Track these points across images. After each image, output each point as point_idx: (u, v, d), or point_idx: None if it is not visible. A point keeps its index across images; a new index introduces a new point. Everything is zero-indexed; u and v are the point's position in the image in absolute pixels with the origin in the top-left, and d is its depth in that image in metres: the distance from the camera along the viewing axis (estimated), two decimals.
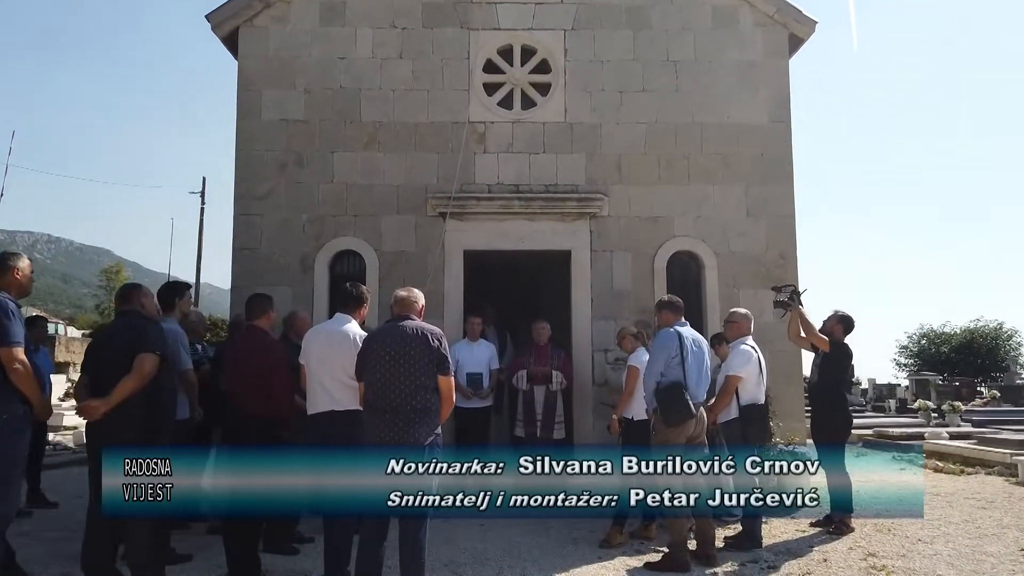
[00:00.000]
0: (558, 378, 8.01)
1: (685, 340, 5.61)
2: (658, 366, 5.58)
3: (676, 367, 5.54)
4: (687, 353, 5.57)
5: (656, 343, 5.74)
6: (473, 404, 8.07)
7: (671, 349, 5.57)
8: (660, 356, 5.59)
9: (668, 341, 5.61)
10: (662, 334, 5.74)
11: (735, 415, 6.14)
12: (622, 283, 8.74)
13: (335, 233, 8.70)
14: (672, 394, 5.49)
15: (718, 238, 8.82)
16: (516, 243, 8.75)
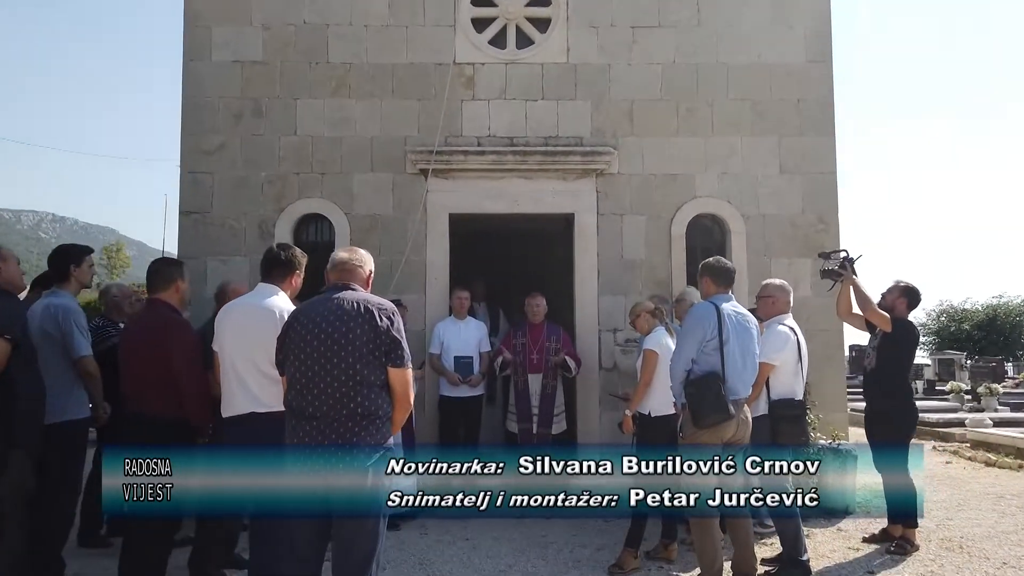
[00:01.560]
0: (572, 363, 6.81)
1: (726, 318, 4.39)
2: (689, 350, 4.37)
3: (713, 353, 4.32)
4: (728, 335, 4.35)
5: (689, 320, 4.51)
6: (461, 392, 6.88)
7: (707, 329, 4.35)
8: (693, 337, 4.38)
9: (703, 318, 4.39)
10: (697, 309, 4.51)
11: (764, 411, 4.92)
12: (634, 252, 7.49)
13: (299, 194, 7.46)
14: (706, 388, 4.28)
15: (747, 199, 7.55)
16: (510, 205, 7.50)
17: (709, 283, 4.59)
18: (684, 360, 4.39)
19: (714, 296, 4.53)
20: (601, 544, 5.54)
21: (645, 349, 5.24)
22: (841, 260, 5.48)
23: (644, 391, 5.20)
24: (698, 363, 4.37)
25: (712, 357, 4.33)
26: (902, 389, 5.42)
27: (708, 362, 4.36)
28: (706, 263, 4.67)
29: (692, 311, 4.56)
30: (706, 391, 4.30)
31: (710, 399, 4.28)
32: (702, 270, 4.66)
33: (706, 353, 4.35)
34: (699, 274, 4.69)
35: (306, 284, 4.22)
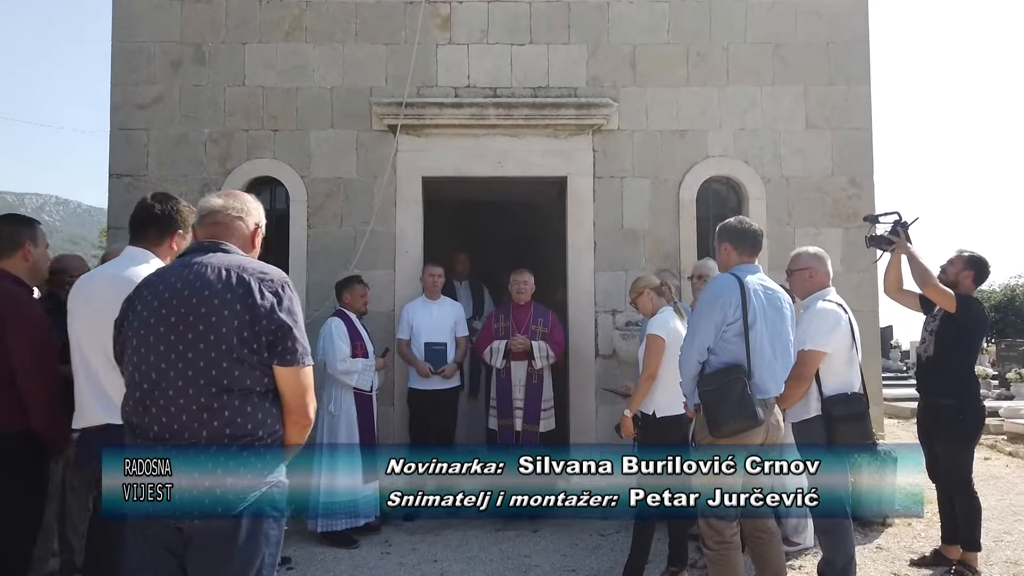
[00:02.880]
0: (543, 351, 5.80)
1: (752, 295, 3.41)
2: (704, 336, 3.41)
3: (735, 340, 3.35)
4: (755, 316, 3.37)
5: (704, 298, 3.51)
6: (432, 384, 5.89)
7: (727, 308, 3.37)
8: (708, 319, 3.41)
9: (722, 295, 3.41)
10: (714, 283, 3.53)
11: (815, 412, 3.92)
12: (636, 220, 6.46)
13: (248, 154, 6.44)
14: (726, 386, 3.31)
15: (767, 159, 6.51)
16: (493, 167, 6.46)
17: (729, 250, 3.58)
18: (698, 349, 3.41)
19: (736, 267, 3.53)
20: (595, 570, 4.58)
21: (649, 335, 4.24)
22: (893, 224, 4.45)
23: (647, 386, 4.20)
24: (716, 353, 3.40)
25: (734, 345, 3.35)
26: (967, 383, 4.41)
27: (729, 352, 3.38)
28: (725, 225, 3.66)
29: (708, 286, 3.55)
30: (727, 390, 3.31)
31: (732, 400, 3.30)
32: (720, 234, 3.65)
33: (726, 340, 3.37)
34: (716, 239, 3.68)
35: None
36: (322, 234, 6.40)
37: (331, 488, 5.22)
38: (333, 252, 6.37)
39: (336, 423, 5.29)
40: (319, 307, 6.13)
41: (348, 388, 5.30)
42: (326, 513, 5.19)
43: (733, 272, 3.48)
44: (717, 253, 3.68)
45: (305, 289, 6.32)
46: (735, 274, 3.46)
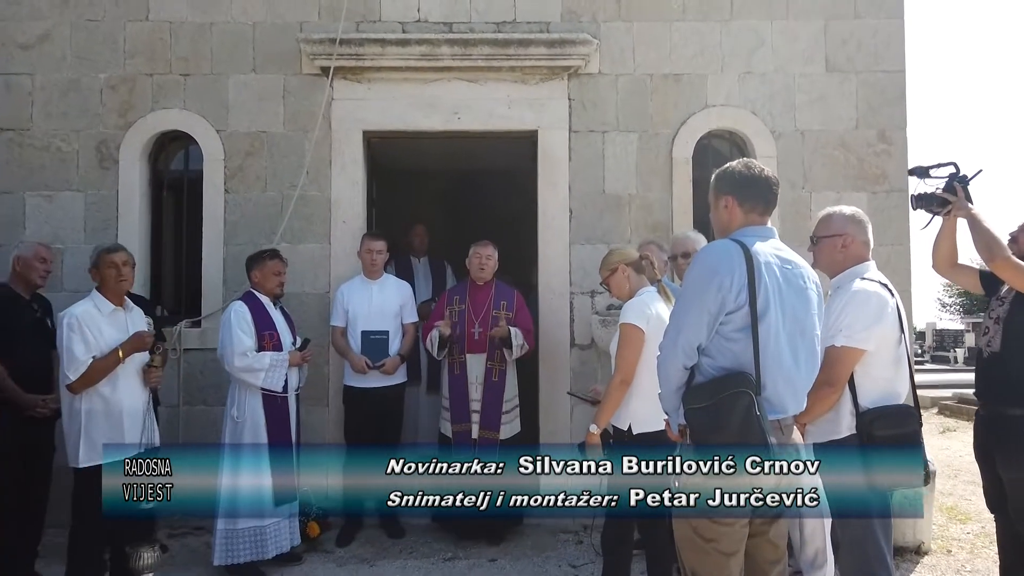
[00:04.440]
0: (520, 338, 4.77)
1: (763, 270, 2.36)
2: (693, 330, 2.36)
3: (738, 336, 2.32)
4: (767, 302, 2.33)
5: (693, 275, 2.42)
6: (371, 381, 4.86)
7: (727, 290, 2.32)
8: (699, 306, 2.35)
9: (720, 270, 2.35)
10: (709, 253, 2.45)
11: (847, 430, 2.88)
12: (620, 183, 5.38)
13: (153, 104, 5.36)
14: (724, 403, 2.29)
15: (779, 109, 5.40)
16: (448, 120, 5.37)
17: (732, 205, 2.51)
18: (683, 349, 2.36)
19: (741, 230, 2.47)
20: None
21: (623, 324, 3.19)
22: (948, 179, 3.36)
23: (621, 393, 3.16)
24: (710, 355, 2.36)
25: (736, 344, 2.32)
26: None
27: (729, 353, 2.34)
28: (726, 171, 2.58)
29: (699, 258, 2.46)
30: (726, 408, 2.27)
31: (733, 423, 2.26)
32: (720, 183, 2.57)
33: (725, 336, 2.33)
34: (713, 191, 2.59)
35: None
36: (242, 200, 5.32)
37: (232, 509, 4.20)
38: (255, 221, 5.30)
39: (240, 431, 4.25)
40: (238, 289, 5.07)
41: (255, 389, 4.26)
42: (227, 541, 4.18)
43: (735, 238, 2.41)
44: (713, 211, 2.60)
45: (222, 266, 5.26)
46: (738, 240, 2.38)
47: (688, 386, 2.36)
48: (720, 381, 2.30)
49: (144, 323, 3.91)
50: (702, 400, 2.30)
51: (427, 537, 4.90)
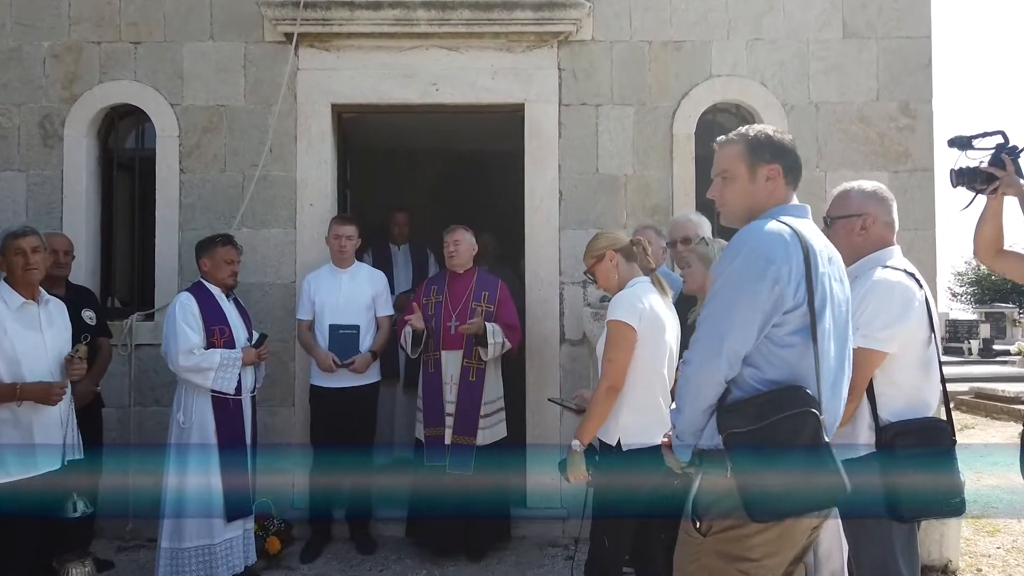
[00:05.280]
0: (499, 335, 4.29)
1: (817, 257, 1.94)
2: (742, 333, 1.89)
3: (793, 341, 1.90)
4: (824, 300, 1.92)
5: (741, 265, 1.91)
6: (339, 381, 4.41)
7: (786, 284, 1.88)
8: (751, 302, 1.89)
9: (775, 257, 1.89)
10: (759, 237, 1.94)
11: (865, 446, 2.42)
12: (616, 162, 4.88)
13: (102, 75, 4.87)
14: (783, 426, 1.83)
15: (791, 79, 4.89)
16: (425, 91, 4.87)
17: (778, 176, 2.08)
18: (728, 357, 1.89)
19: (779, 208, 2.04)
20: None
21: (610, 321, 2.71)
22: (995, 150, 2.86)
23: (608, 403, 2.68)
24: (755, 364, 1.90)
25: (791, 350, 1.89)
26: None
27: (782, 363, 1.90)
28: (761, 134, 2.11)
29: (744, 242, 1.96)
30: (784, 434, 1.83)
31: (796, 454, 1.83)
32: (756, 148, 2.09)
33: (777, 342, 1.90)
34: (749, 157, 2.08)
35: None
36: (199, 180, 4.84)
37: (177, 526, 3.75)
38: (213, 204, 4.82)
39: (186, 439, 3.79)
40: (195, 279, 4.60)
41: (204, 391, 3.79)
42: (172, 563, 3.73)
43: (778, 217, 1.97)
44: (740, 184, 2.09)
45: (177, 254, 4.79)
46: (787, 222, 1.95)
47: (722, 404, 1.89)
48: (772, 398, 1.84)
49: (64, 319, 3.43)
50: (748, 421, 1.83)
51: (401, 553, 4.45)
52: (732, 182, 2.08)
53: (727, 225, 2.17)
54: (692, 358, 1.93)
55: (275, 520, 4.38)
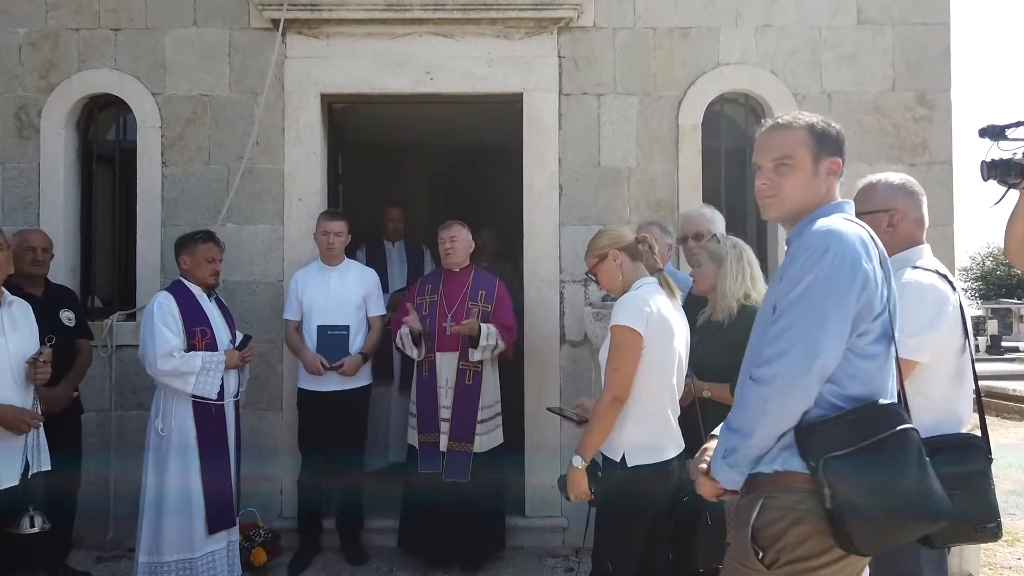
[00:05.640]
0: (493, 337, 4.08)
1: (885, 258, 1.85)
2: (835, 348, 1.71)
3: (875, 351, 1.76)
4: (895, 299, 1.82)
5: (824, 268, 1.71)
6: (327, 384, 4.20)
7: (873, 290, 1.74)
8: (841, 311, 1.71)
9: (859, 260, 1.73)
10: (841, 236, 1.74)
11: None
12: (618, 155, 4.66)
13: (81, 63, 4.65)
14: (890, 450, 1.67)
15: (802, 67, 4.67)
16: (419, 81, 4.65)
17: (837, 171, 1.93)
18: (819, 375, 1.71)
19: (836, 204, 1.89)
20: None
21: (615, 326, 2.49)
22: None
23: (612, 415, 2.46)
24: (835, 379, 1.74)
25: (873, 361, 1.76)
26: None
27: (861, 374, 1.75)
28: (821, 125, 1.92)
29: (827, 243, 1.75)
30: (892, 457, 1.67)
31: (909, 480, 1.66)
32: (824, 139, 1.90)
33: (858, 352, 1.74)
34: (815, 145, 1.88)
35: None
36: (182, 174, 4.62)
37: (156, 539, 3.55)
38: (197, 198, 4.60)
39: (166, 446, 3.59)
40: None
41: (184, 396, 3.59)
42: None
43: (847, 217, 1.85)
44: (812, 173, 1.87)
45: (159, 251, 4.57)
46: (854, 220, 1.84)
47: (801, 426, 1.72)
48: (865, 417, 1.68)
49: (29, 321, 3.21)
50: (843, 444, 1.65)
51: (393, 563, 4.25)
52: (794, 172, 1.87)
53: (771, 220, 1.96)
54: (771, 377, 1.72)
55: (261, 530, 4.19)
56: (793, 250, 1.82)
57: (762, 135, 1.95)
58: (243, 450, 4.22)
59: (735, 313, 2.95)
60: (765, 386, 1.73)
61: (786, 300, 1.74)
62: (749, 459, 1.78)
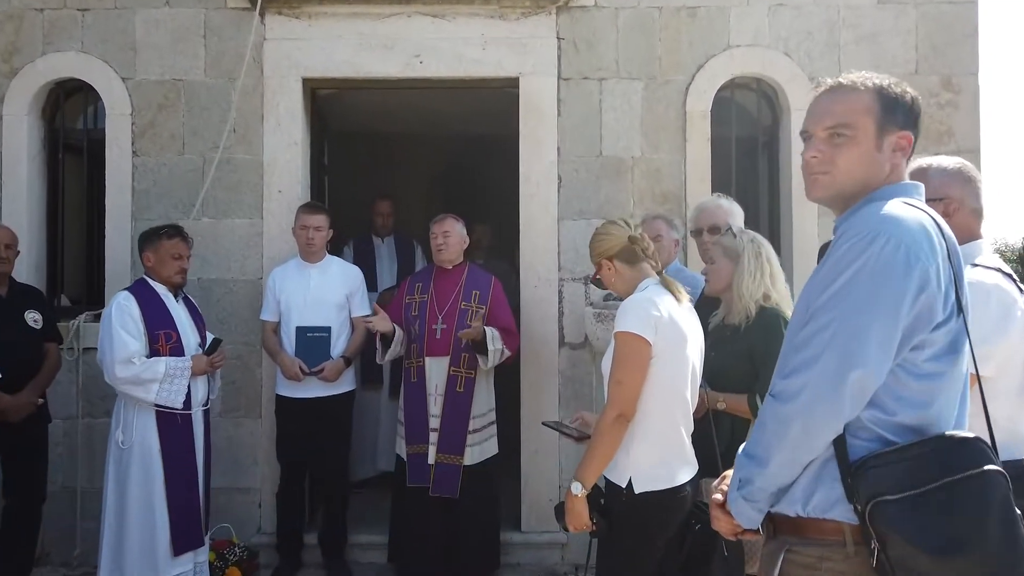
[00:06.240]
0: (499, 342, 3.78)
1: (958, 252, 1.46)
2: (879, 360, 1.35)
3: (938, 370, 1.38)
4: (970, 307, 1.42)
5: (869, 260, 1.36)
6: (307, 390, 3.89)
7: (932, 289, 1.35)
8: (890, 314, 1.35)
9: (918, 252, 1.36)
10: (894, 222, 1.40)
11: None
12: (621, 143, 4.35)
13: (46, 46, 4.34)
14: (961, 496, 1.28)
15: (818, 49, 4.35)
16: (408, 64, 4.33)
17: (907, 148, 1.55)
18: (855, 391, 1.36)
19: (899, 185, 1.52)
20: None
21: (619, 333, 2.17)
22: None
23: (616, 433, 2.15)
24: (881, 402, 1.39)
25: (935, 382, 1.39)
26: None
27: (919, 398, 1.39)
28: (892, 91, 1.55)
29: (875, 229, 1.40)
30: (971, 502, 1.28)
31: (990, 537, 1.28)
32: (891, 107, 1.53)
33: (913, 370, 1.40)
34: (876, 117, 1.52)
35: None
36: (155, 164, 4.32)
37: (117, 561, 3.26)
38: (170, 190, 4.30)
39: (127, 461, 3.28)
40: None
41: (147, 406, 3.28)
42: None
43: (911, 201, 1.48)
44: (875, 148, 1.52)
45: (129, 247, 4.26)
46: (917, 205, 1.47)
47: (844, 460, 1.38)
48: (931, 452, 1.33)
49: None
50: (900, 486, 1.30)
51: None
52: (853, 144, 1.51)
53: (817, 201, 1.62)
54: (795, 392, 1.39)
55: (236, 548, 3.89)
56: (837, 236, 1.50)
57: (818, 98, 1.59)
58: (219, 461, 3.96)
59: (753, 315, 2.64)
60: (787, 403, 1.41)
61: (821, 297, 1.41)
62: (767, 492, 1.46)
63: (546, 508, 4.20)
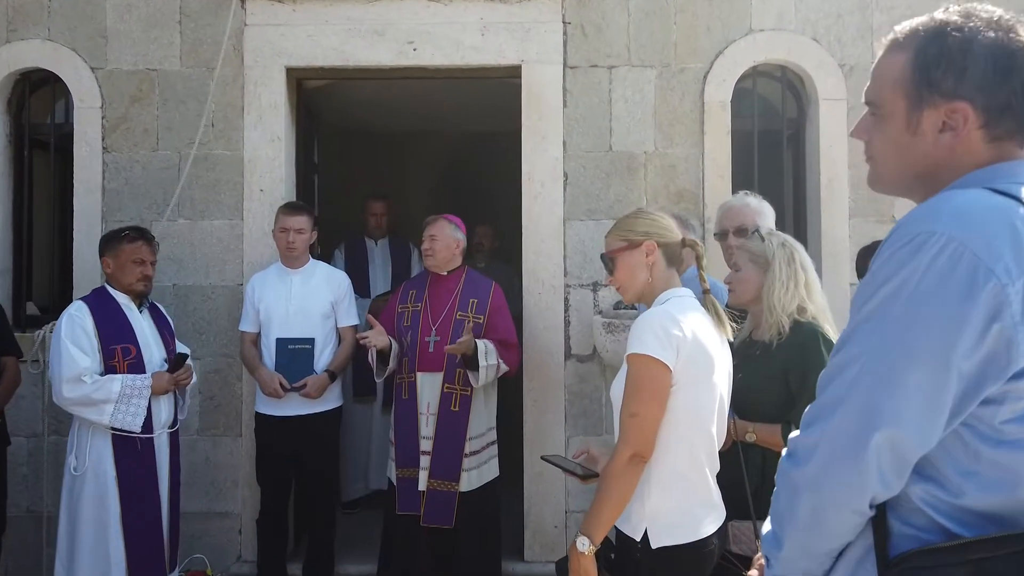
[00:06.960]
0: (493, 356, 3.41)
1: None
2: (922, 415, 0.92)
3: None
4: None
5: (913, 274, 0.94)
6: (290, 409, 3.54)
7: (1007, 317, 0.89)
8: (936, 350, 0.91)
9: (992, 262, 0.91)
10: (942, 216, 0.97)
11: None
12: (633, 137, 3.98)
13: (10, 33, 4.03)
14: None
15: (849, 34, 3.97)
16: (400, 51, 3.98)
17: (968, 122, 1.05)
18: (884, 455, 0.94)
19: (987, 170, 1.04)
20: None
21: (631, 356, 1.80)
22: None
23: (630, 478, 1.78)
24: (941, 476, 0.97)
25: (1009, 452, 0.92)
26: None
27: (999, 474, 0.94)
28: (947, 42, 1.07)
29: (931, 222, 0.98)
30: None
31: None
32: (934, 71, 1.06)
33: (986, 434, 0.95)
34: (910, 88, 1.08)
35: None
36: (127, 161, 3.99)
37: None
38: (144, 189, 3.97)
39: (79, 490, 2.94)
40: None
41: (102, 429, 2.94)
42: None
43: (994, 185, 1.01)
44: (905, 129, 1.10)
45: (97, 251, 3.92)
46: (1007, 191, 1.00)
47: (884, 555, 0.98)
48: (1008, 549, 0.92)
49: None
50: None
51: None
52: (883, 124, 1.12)
53: (879, 191, 1.24)
54: (807, 452, 1.02)
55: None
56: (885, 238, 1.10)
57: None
58: (196, 482, 3.65)
59: (786, 331, 2.27)
60: (797, 467, 1.04)
61: (852, 320, 1.03)
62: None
63: (551, 535, 3.86)
